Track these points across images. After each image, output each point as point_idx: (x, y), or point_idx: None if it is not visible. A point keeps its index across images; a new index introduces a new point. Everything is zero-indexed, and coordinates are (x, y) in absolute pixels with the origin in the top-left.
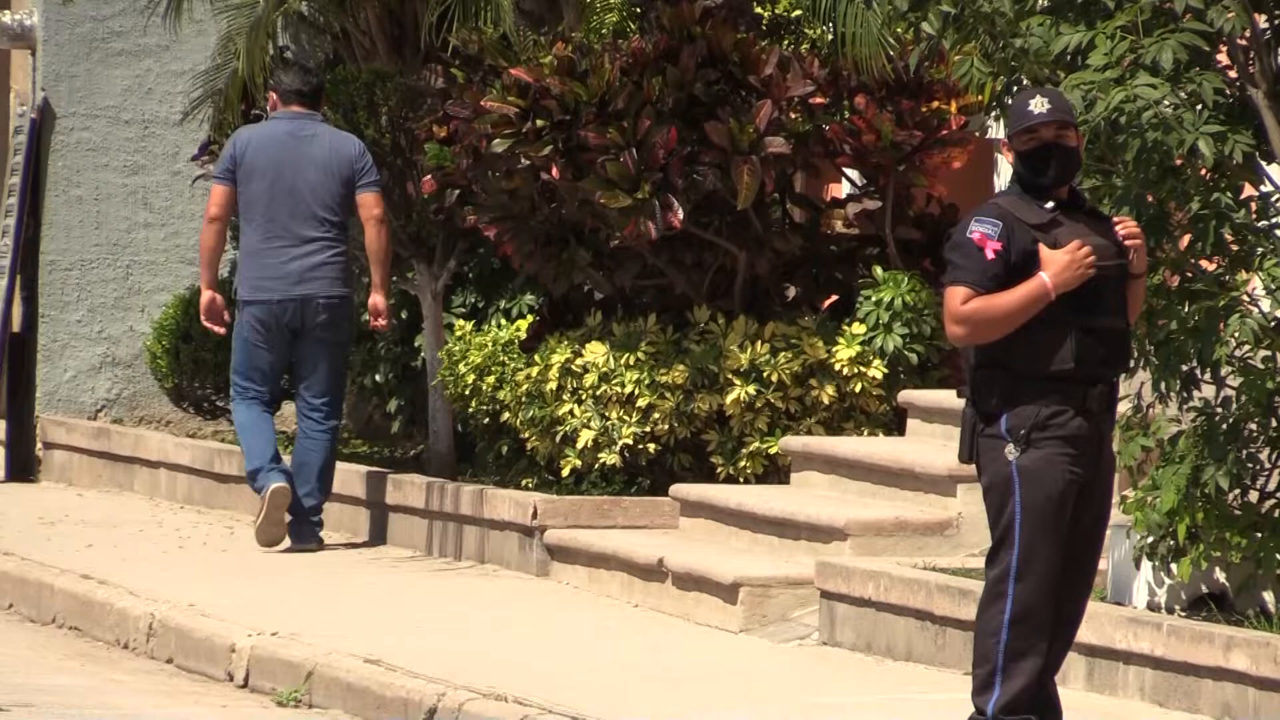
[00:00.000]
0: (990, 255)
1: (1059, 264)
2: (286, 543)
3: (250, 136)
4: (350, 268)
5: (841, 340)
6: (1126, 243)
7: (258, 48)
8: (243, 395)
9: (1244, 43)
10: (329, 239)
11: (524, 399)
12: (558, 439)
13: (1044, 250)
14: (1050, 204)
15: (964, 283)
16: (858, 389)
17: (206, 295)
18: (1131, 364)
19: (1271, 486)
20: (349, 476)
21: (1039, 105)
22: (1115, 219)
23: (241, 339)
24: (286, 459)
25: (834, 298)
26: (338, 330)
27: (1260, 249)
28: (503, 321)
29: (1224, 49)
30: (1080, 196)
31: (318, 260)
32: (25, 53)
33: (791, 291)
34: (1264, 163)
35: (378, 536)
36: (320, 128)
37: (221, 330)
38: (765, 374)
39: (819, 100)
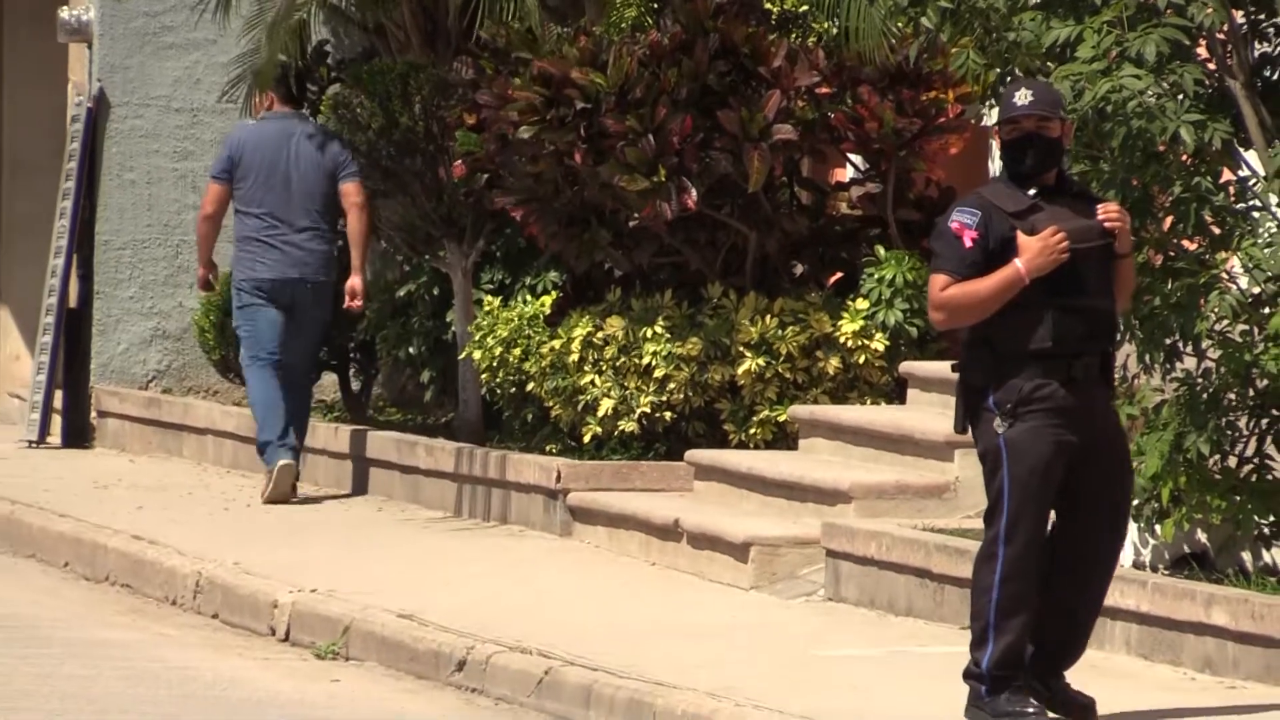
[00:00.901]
0: (968, 243)
1: (1032, 250)
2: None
3: (244, 137)
4: (334, 254)
5: (846, 315)
6: (1107, 225)
7: (284, 32)
8: (254, 361)
9: (1222, 37)
10: (318, 228)
11: (548, 370)
12: (579, 407)
13: (1020, 237)
14: (1032, 190)
15: (943, 270)
16: (861, 360)
17: (201, 272)
18: (1118, 338)
19: (1249, 452)
20: (384, 442)
21: (1023, 97)
22: (1099, 203)
23: (244, 315)
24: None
25: (839, 275)
26: (322, 309)
27: (1238, 230)
28: (528, 297)
29: (1204, 43)
30: (1067, 181)
31: (309, 248)
32: (82, 46)
33: (799, 269)
34: (1241, 149)
35: (410, 498)
36: (305, 126)
37: (215, 287)
38: (774, 346)
39: (824, 90)
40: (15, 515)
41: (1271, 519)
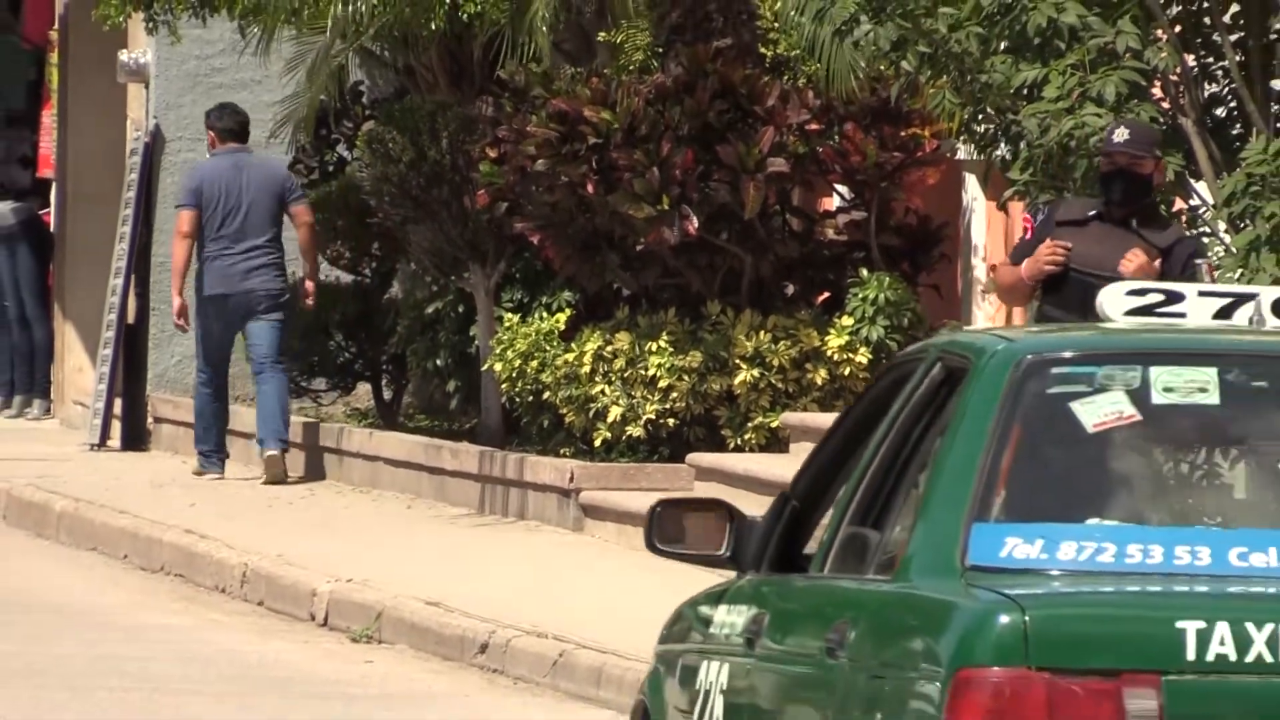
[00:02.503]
0: (1027, 235)
1: (1033, 255)
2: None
3: (204, 171)
4: (284, 264)
5: (833, 331)
6: (1120, 266)
7: (324, 74)
8: (202, 383)
9: (1175, 79)
10: (268, 246)
11: (562, 380)
12: (591, 414)
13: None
14: (1092, 211)
15: (1009, 253)
16: (846, 372)
17: (177, 302)
18: None
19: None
20: (413, 446)
21: (1120, 135)
22: (1130, 252)
23: (203, 330)
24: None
25: (826, 295)
26: (278, 311)
27: None
28: (545, 314)
29: (1158, 84)
30: (1153, 217)
31: (260, 263)
32: (140, 86)
33: (790, 289)
34: (1192, 180)
35: (437, 497)
36: (254, 157)
37: (187, 329)
38: (768, 359)
39: (814, 127)
40: (79, 511)
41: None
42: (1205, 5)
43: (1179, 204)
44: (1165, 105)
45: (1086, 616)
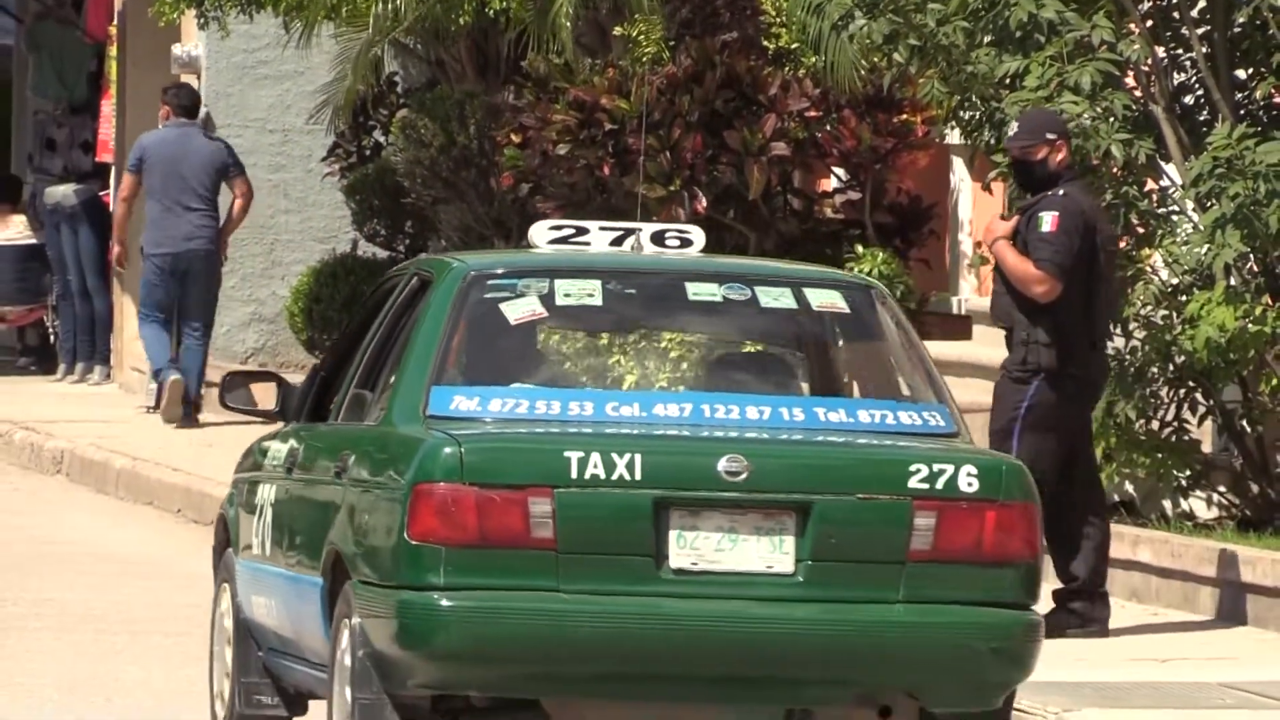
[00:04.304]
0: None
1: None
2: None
3: (149, 141)
4: (218, 229)
5: None
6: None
7: (364, 66)
8: (147, 318)
9: (1147, 69)
10: (205, 210)
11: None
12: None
13: None
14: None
15: None
16: None
17: (117, 249)
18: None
19: (1169, 417)
20: None
21: (1010, 128)
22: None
23: (147, 281)
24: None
25: None
26: (211, 272)
27: (1160, 231)
28: None
29: (1131, 74)
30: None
31: (197, 224)
32: (192, 76)
33: None
34: (1162, 163)
35: None
36: (198, 132)
37: (123, 270)
38: None
39: (813, 114)
40: (136, 469)
41: (1188, 473)
42: (1175, 0)
43: (1150, 184)
44: (1137, 93)
45: (503, 448)
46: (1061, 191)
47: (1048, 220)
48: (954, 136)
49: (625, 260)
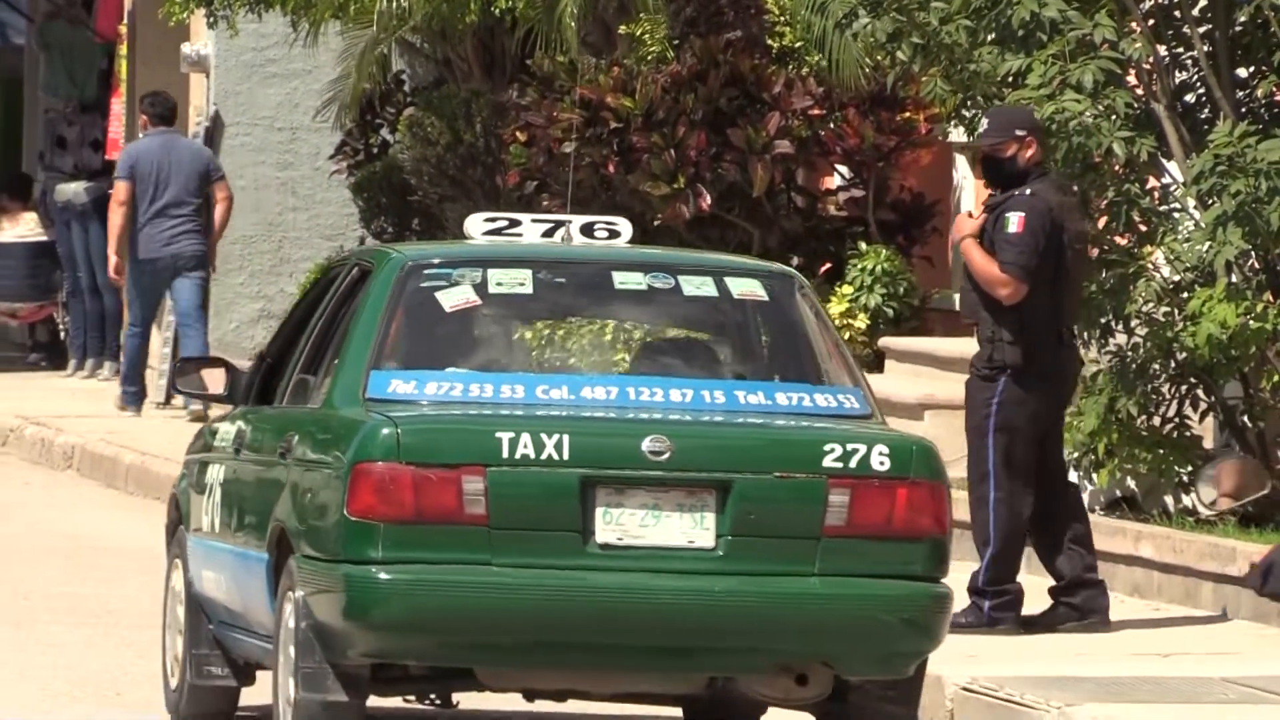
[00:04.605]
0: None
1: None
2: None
3: (138, 149)
4: (204, 231)
5: (834, 298)
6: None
7: (368, 64)
8: (133, 334)
9: (1148, 67)
10: (191, 215)
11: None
12: None
13: None
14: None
15: None
16: (847, 336)
17: (114, 260)
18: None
19: (1171, 413)
20: None
21: (981, 125)
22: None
23: (135, 287)
24: None
25: (828, 265)
26: (200, 271)
27: (1161, 228)
28: None
29: (1133, 72)
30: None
31: (184, 229)
32: (201, 75)
33: (795, 260)
34: (1164, 160)
35: None
36: (181, 139)
37: (121, 283)
38: None
39: (816, 112)
40: (145, 464)
41: (1189, 469)
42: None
43: (1151, 182)
44: (1139, 92)
45: (437, 430)
46: (1029, 190)
47: (1014, 221)
48: (957, 134)
49: (555, 251)
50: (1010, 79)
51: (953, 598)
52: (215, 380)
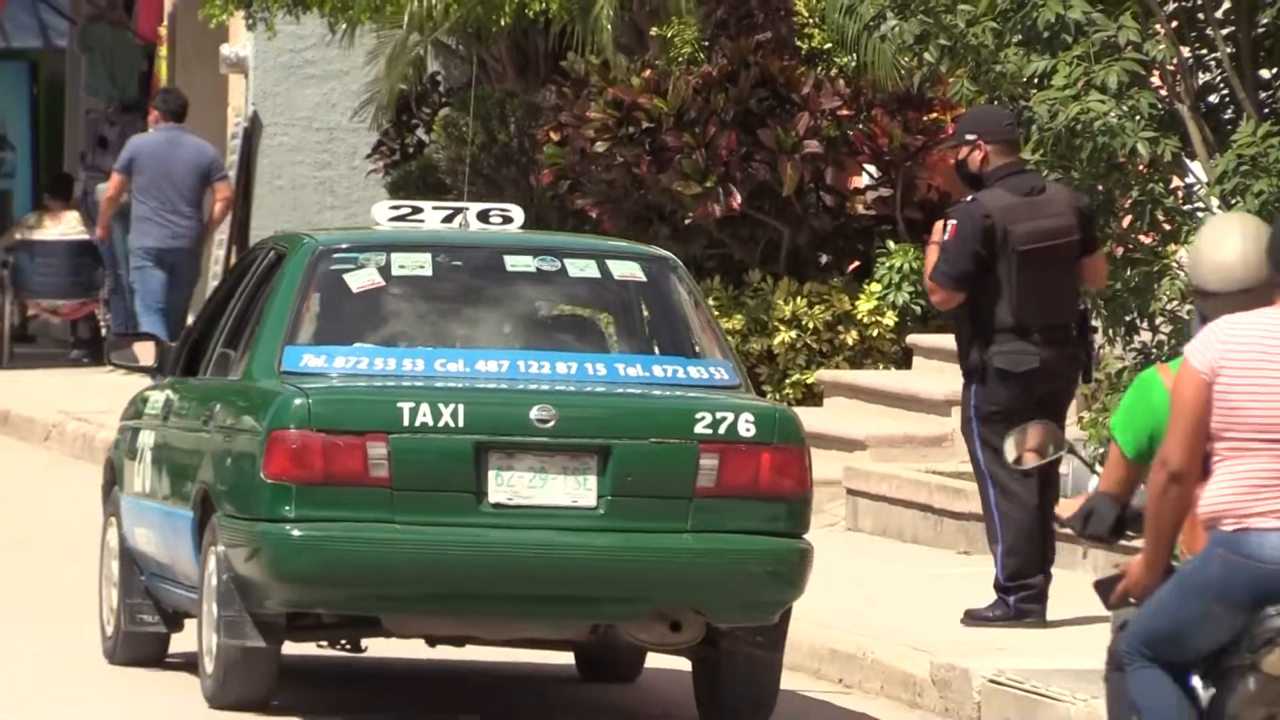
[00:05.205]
0: None
1: None
2: None
3: (141, 144)
4: (201, 229)
5: (862, 296)
6: None
7: (402, 64)
8: (147, 309)
9: (1172, 68)
10: (190, 213)
11: None
12: None
13: None
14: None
15: None
16: (875, 334)
17: (101, 232)
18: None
19: None
20: None
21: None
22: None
23: (139, 275)
24: None
25: (856, 263)
26: (193, 271)
27: (1185, 227)
28: None
29: (1156, 73)
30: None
31: (183, 225)
32: (240, 77)
33: (824, 259)
34: (1188, 160)
35: None
36: (187, 136)
37: (105, 240)
38: (804, 322)
39: (845, 112)
40: None
41: None
42: (1199, 2)
43: (1175, 181)
44: (1163, 92)
45: (345, 400)
46: (971, 197)
47: (946, 229)
48: None
49: (453, 236)
50: (1036, 80)
51: (813, 552)
52: (145, 353)
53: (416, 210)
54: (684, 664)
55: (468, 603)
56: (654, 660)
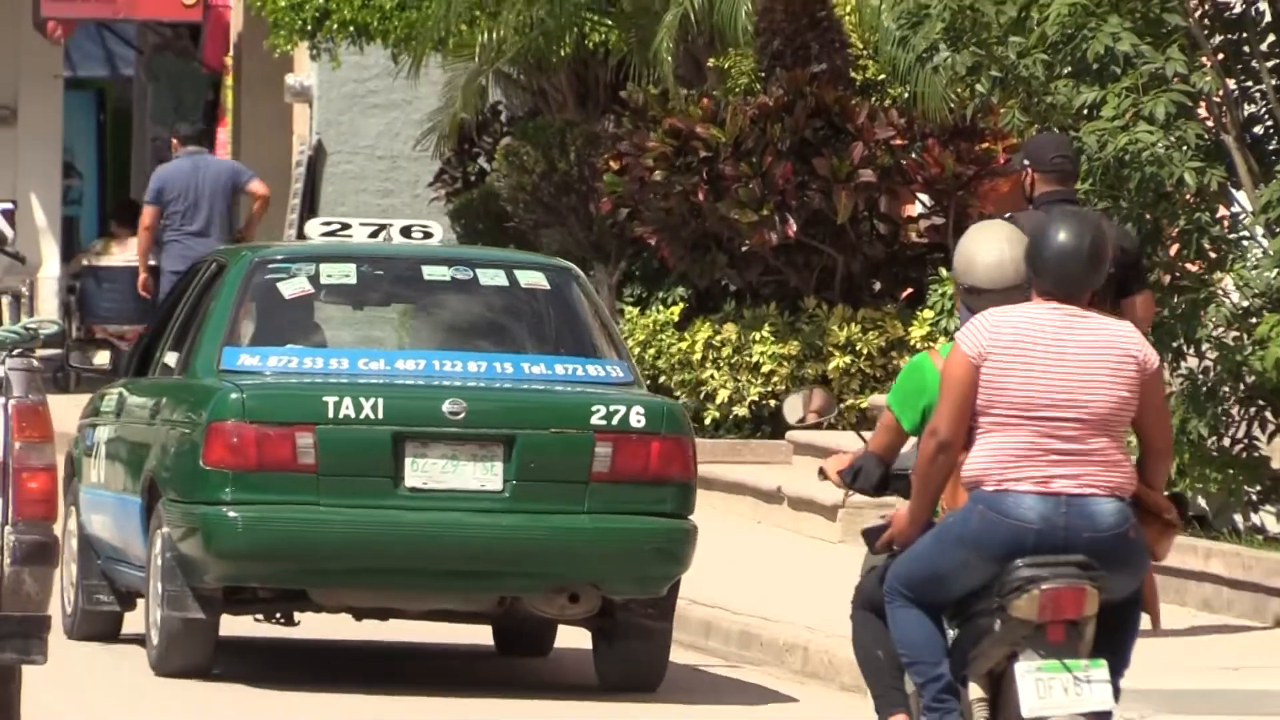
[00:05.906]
0: None
1: None
2: None
3: (168, 172)
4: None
5: (915, 322)
6: None
7: (470, 95)
8: None
9: (1218, 100)
10: (219, 237)
11: (676, 366)
12: (701, 396)
13: None
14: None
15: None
16: None
17: (143, 276)
18: None
19: (1240, 434)
20: None
21: None
22: None
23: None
24: None
25: (909, 290)
26: None
27: (1231, 255)
28: (660, 307)
29: (1203, 105)
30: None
31: (214, 246)
32: (304, 105)
33: (878, 285)
34: (1233, 190)
35: None
36: (210, 158)
37: (148, 295)
38: (858, 347)
39: (898, 142)
40: None
41: (1258, 488)
42: (1245, 35)
43: (1221, 211)
44: (1209, 124)
45: (276, 395)
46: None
47: None
48: None
49: (377, 249)
50: (1085, 111)
51: (697, 531)
52: (102, 358)
53: (346, 226)
54: (589, 638)
55: (386, 577)
56: (564, 637)
